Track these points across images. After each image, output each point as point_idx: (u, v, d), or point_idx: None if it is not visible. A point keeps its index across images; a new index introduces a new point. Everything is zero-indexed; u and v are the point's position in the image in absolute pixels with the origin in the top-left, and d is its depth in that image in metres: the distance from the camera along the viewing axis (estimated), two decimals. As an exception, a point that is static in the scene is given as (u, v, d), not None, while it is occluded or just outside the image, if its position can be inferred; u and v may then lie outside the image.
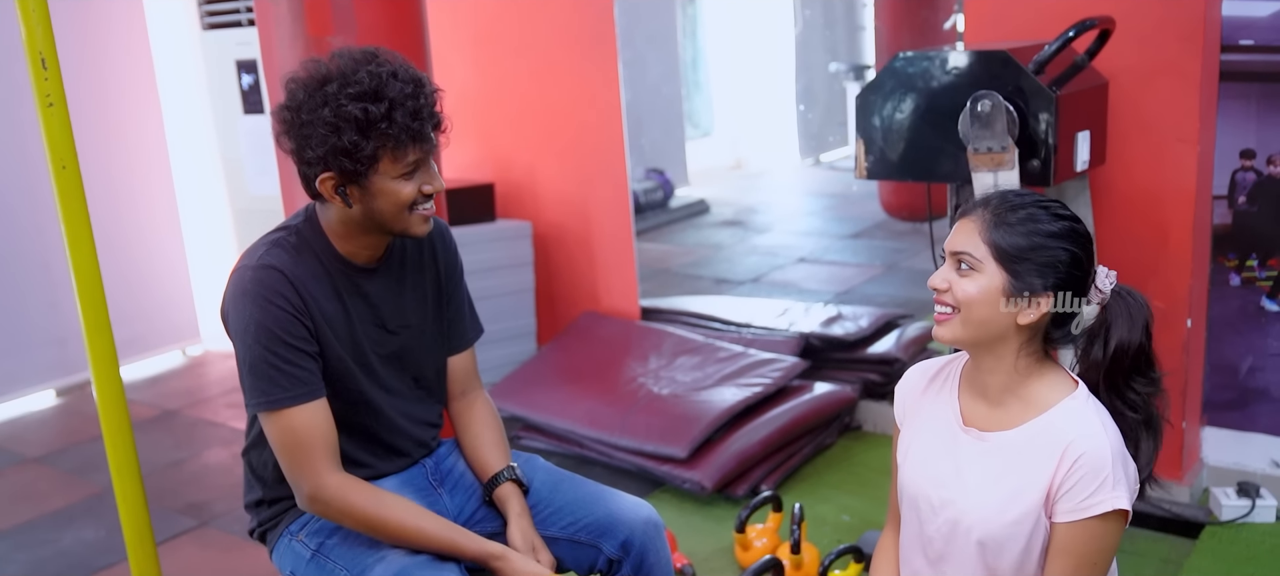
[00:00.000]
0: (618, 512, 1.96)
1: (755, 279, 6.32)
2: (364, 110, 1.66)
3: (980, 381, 1.62)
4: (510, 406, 3.93)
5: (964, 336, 1.56)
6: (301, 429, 1.74)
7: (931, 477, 1.64)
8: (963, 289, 1.54)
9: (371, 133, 1.67)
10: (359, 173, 1.70)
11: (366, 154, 1.68)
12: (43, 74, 1.97)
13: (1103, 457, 1.48)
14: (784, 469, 3.48)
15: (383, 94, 1.67)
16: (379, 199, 1.73)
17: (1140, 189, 2.97)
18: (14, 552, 3.44)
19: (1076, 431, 1.51)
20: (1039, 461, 1.53)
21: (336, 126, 1.66)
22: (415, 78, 1.72)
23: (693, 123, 10.66)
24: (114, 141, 5.03)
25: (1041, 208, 1.55)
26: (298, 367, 1.74)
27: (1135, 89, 2.90)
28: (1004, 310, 1.53)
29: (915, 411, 1.73)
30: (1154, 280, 3.00)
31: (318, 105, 1.67)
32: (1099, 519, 1.48)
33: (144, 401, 4.85)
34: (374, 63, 1.70)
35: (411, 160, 1.72)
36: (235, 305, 1.76)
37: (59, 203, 2.04)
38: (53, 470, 4.12)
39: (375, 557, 1.78)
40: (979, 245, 1.54)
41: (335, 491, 1.76)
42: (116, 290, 4.92)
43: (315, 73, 1.71)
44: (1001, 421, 1.59)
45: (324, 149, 1.68)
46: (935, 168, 2.71)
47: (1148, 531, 3.01)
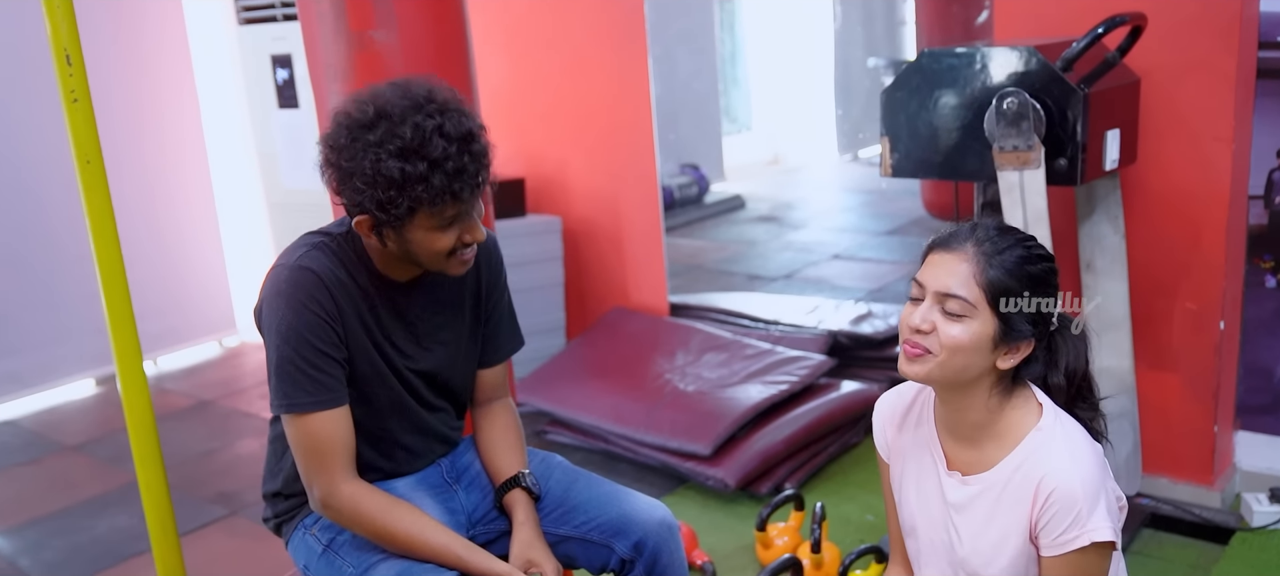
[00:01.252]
0: (632, 513, 1.95)
1: (788, 275, 6.29)
2: (401, 170, 1.61)
3: (950, 420, 1.57)
4: (538, 401, 3.94)
5: (938, 378, 1.49)
6: (321, 435, 1.75)
7: (930, 521, 1.62)
8: (949, 334, 1.46)
9: (408, 191, 1.62)
10: (395, 222, 1.67)
11: (402, 210, 1.64)
12: (67, 70, 2.00)
13: (1073, 492, 1.44)
14: (808, 467, 3.46)
15: (424, 152, 1.61)
16: (415, 245, 1.71)
17: (1173, 188, 2.91)
18: (50, 538, 3.51)
19: (1047, 466, 1.47)
20: (1018, 499, 1.50)
21: (373, 179, 1.62)
22: (462, 134, 1.65)
23: (730, 118, 10.63)
24: (153, 136, 5.10)
25: (1026, 247, 1.49)
26: (324, 374, 1.74)
27: (1168, 86, 2.85)
28: (989, 355, 1.47)
29: (898, 450, 1.69)
30: (1186, 281, 2.95)
31: (358, 152, 1.63)
32: (1079, 552, 1.45)
33: (180, 391, 4.93)
34: (422, 112, 1.63)
35: (449, 215, 1.68)
36: (270, 303, 1.76)
37: (84, 197, 2.07)
38: (89, 458, 4.20)
39: (380, 557, 1.79)
40: (972, 288, 1.45)
41: (347, 499, 1.76)
42: (155, 282, 5.06)
43: (361, 115, 1.65)
44: (980, 462, 1.56)
45: (360, 195, 1.66)
46: (961, 166, 2.67)
47: (1177, 536, 2.96)
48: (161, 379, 5.13)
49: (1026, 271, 1.46)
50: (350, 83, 2.85)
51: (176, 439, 4.31)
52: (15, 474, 4.10)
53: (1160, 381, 3.04)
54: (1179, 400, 3.04)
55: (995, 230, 1.50)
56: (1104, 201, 2.87)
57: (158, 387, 4.99)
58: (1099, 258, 2.92)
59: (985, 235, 1.49)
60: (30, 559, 3.38)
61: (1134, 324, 2.96)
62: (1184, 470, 3.08)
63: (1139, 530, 2.98)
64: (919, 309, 1.49)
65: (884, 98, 2.77)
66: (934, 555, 1.62)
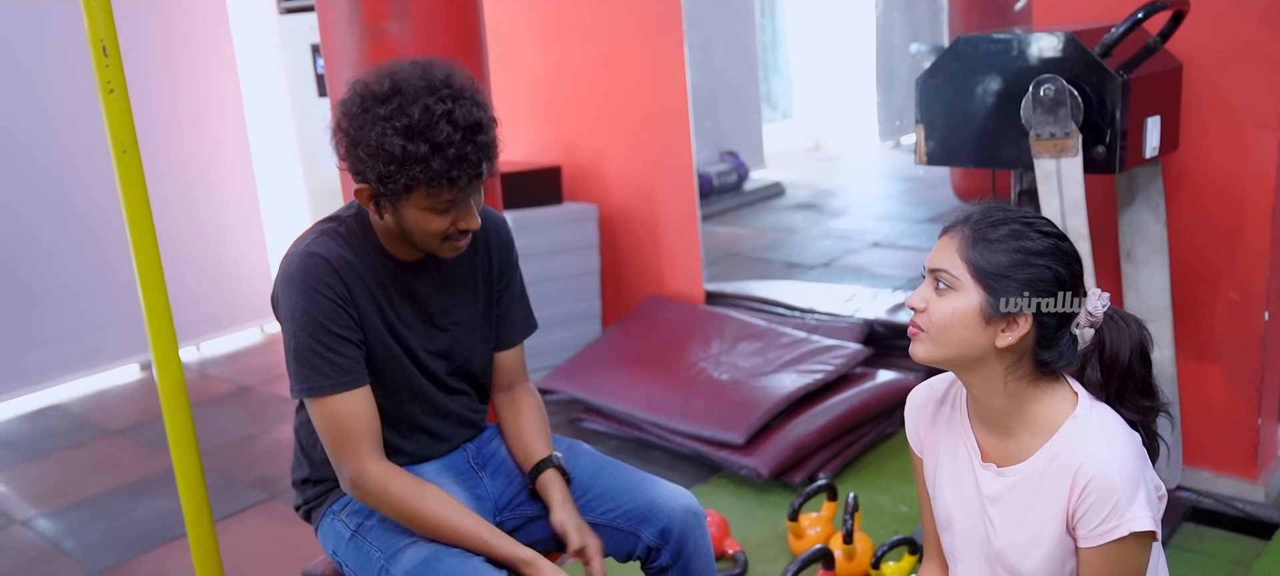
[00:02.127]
0: (657, 500, 1.95)
1: (827, 263, 6.25)
2: (403, 148, 1.63)
3: (979, 407, 1.56)
4: (572, 388, 3.95)
5: (938, 356, 1.50)
6: (344, 416, 1.77)
7: (966, 514, 1.60)
8: (938, 309, 1.48)
9: (407, 170, 1.65)
10: (391, 196, 1.70)
11: (399, 185, 1.67)
12: (104, 61, 2.02)
13: (1111, 482, 1.42)
14: (843, 457, 3.44)
15: (429, 136, 1.63)
16: (408, 221, 1.74)
17: (1216, 176, 2.86)
18: (93, 520, 3.58)
19: (1084, 455, 1.45)
20: (1055, 489, 1.48)
21: (377, 151, 1.65)
22: (470, 123, 1.66)
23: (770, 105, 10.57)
24: (194, 125, 5.17)
25: (1026, 224, 1.48)
26: (341, 355, 1.76)
27: (1212, 72, 2.79)
28: (983, 331, 1.46)
29: (931, 443, 1.68)
30: (1229, 271, 2.89)
31: (367, 123, 1.66)
32: (1119, 543, 1.43)
33: (221, 376, 5.00)
34: (436, 96, 1.65)
35: (445, 200, 1.70)
36: (283, 291, 1.78)
37: (120, 186, 2.10)
38: (133, 442, 4.27)
39: (407, 541, 1.81)
40: (957, 263, 1.47)
41: (375, 479, 1.78)
42: (197, 269, 5.14)
43: (377, 86, 1.68)
44: (1015, 453, 1.54)
45: (363, 165, 1.68)
46: (997, 154, 2.64)
47: (1218, 531, 2.91)
48: (204, 364, 5.21)
49: (1017, 244, 1.45)
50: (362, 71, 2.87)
51: (217, 424, 4.38)
52: (61, 457, 4.18)
53: (1202, 372, 2.99)
54: (1221, 392, 2.98)
55: (994, 209, 1.50)
56: (1145, 189, 2.82)
57: (200, 373, 5.08)
58: (1139, 247, 2.87)
59: (981, 215, 1.49)
60: (74, 541, 3.45)
61: (1175, 314, 2.91)
62: (1226, 463, 3.02)
63: (1179, 524, 2.93)
64: (918, 288, 1.52)
65: (919, 84, 2.74)
66: (970, 549, 1.61)
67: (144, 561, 3.28)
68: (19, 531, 3.56)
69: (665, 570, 1.99)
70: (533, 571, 1.79)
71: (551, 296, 4.34)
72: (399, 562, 1.78)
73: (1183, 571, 2.73)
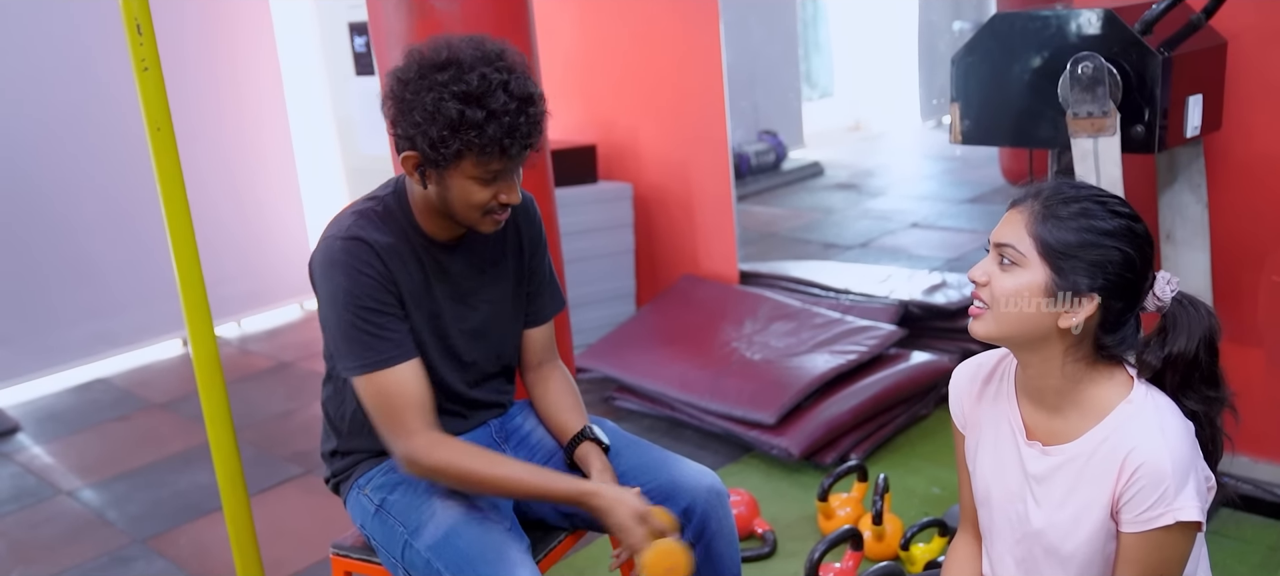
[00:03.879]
0: (680, 479, 1.96)
1: (864, 244, 6.21)
2: (460, 112, 1.66)
3: (1031, 386, 1.54)
4: (605, 367, 3.96)
5: (998, 333, 1.47)
6: (394, 389, 1.78)
7: (1005, 492, 1.58)
8: (1001, 284, 1.45)
9: (461, 134, 1.67)
10: (440, 163, 1.72)
11: (451, 151, 1.69)
12: (138, 39, 2.05)
13: (1162, 468, 1.39)
14: (875, 438, 3.42)
15: (485, 102, 1.67)
16: (453, 192, 1.76)
17: (1261, 156, 2.79)
18: (135, 492, 3.65)
19: (1135, 440, 1.42)
20: (1102, 472, 1.45)
21: (433, 115, 1.67)
22: (524, 95, 1.70)
23: (811, 84, 10.49)
24: (234, 104, 5.23)
25: (1098, 202, 1.44)
26: (389, 331, 1.78)
27: (1258, 49, 2.72)
28: (1045, 310, 1.43)
29: (975, 419, 1.66)
30: (1275, 253, 2.84)
31: (423, 88, 1.69)
32: (1163, 530, 1.41)
33: (262, 353, 5.07)
34: (491, 67, 1.69)
35: (493, 169, 1.73)
36: (324, 274, 1.80)
37: (155, 163, 2.13)
38: (175, 416, 4.34)
39: (427, 514, 1.82)
40: (1024, 238, 1.44)
41: (426, 450, 1.78)
42: (238, 246, 5.20)
43: (434, 55, 1.71)
44: (1062, 432, 1.51)
45: (415, 130, 1.70)
46: (1034, 133, 2.60)
47: (1257, 517, 2.86)
48: (245, 340, 5.28)
49: (1084, 223, 1.42)
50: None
51: (256, 399, 4.44)
52: (106, 430, 4.27)
53: (1242, 356, 2.93)
54: (1262, 376, 2.93)
55: (1066, 185, 1.47)
56: (1186, 170, 2.77)
57: (241, 349, 5.15)
58: (1180, 228, 2.82)
59: (1052, 190, 1.46)
60: (117, 511, 3.52)
61: (1215, 297, 2.85)
62: (1266, 449, 2.97)
63: (1217, 509, 2.87)
64: (981, 261, 1.49)
65: (955, 62, 2.70)
66: (1007, 527, 1.59)
67: (184, 532, 3.34)
68: (65, 501, 3.64)
69: (690, 547, 2.00)
70: (597, 500, 1.79)
71: (586, 275, 4.35)
72: (422, 537, 1.80)
73: (1220, 557, 2.69)
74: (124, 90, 4.69)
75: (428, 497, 1.85)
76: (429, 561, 1.79)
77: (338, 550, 2.07)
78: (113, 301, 4.91)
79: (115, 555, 3.23)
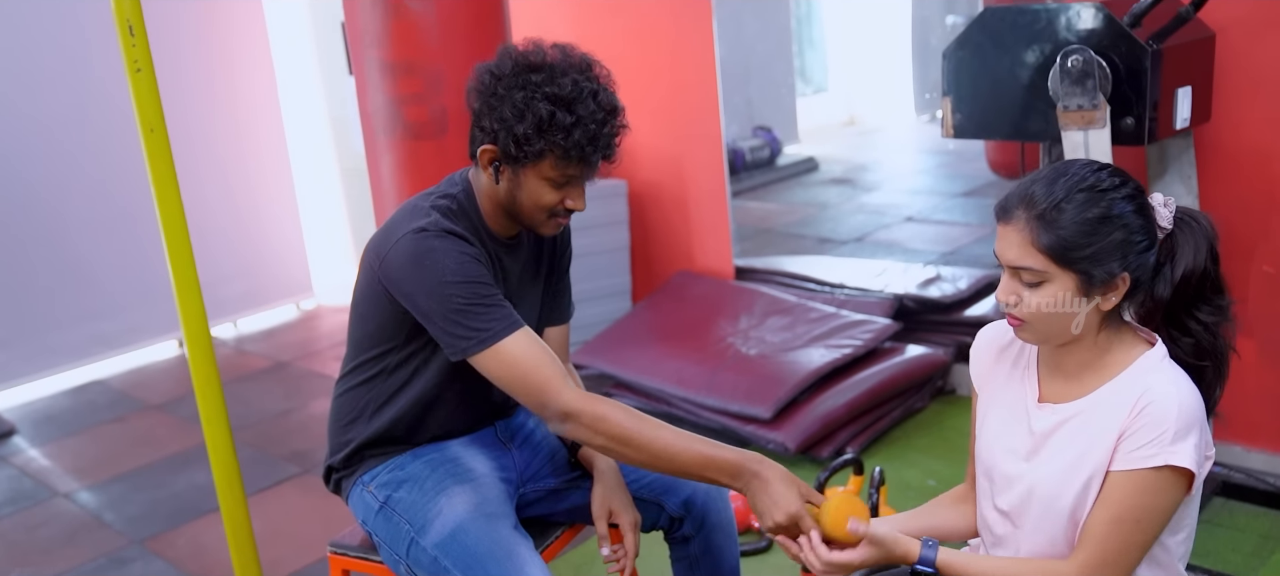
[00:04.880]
0: None
1: (859, 238, 6.22)
2: (551, 113, 1.70)
3: (1057, 360, 1.55)
4: (601, 364, 3.97)
5: (1046, 337, 1.49)
6: (523, 354, 1.73)
7: (1007, 451, 1.59)
8: (1033, 301, 1.45)
9: (547, 135, 1.71)
10: (519, 160, 1.74)
11: (534, 150, 1.73)
12: (130, 41, 2.06)
13: (1168, 410, 1.40)
14: (871, 431, 3.44)
15: (574, 108, 1.71)
16: (523, 191, 1.78)
17: (1250, 147, 2.81)
18: (133, 493, 3.66)
19: (1150, 383, 1.44)
20: (1112, 417, 1.46)
21: (521, 113, 1.71)
22: (610, 107, 1.76)
23: (805, 79, 10.50)
24: (229, 104, 5.23)
25: (1083, 191, 1.42)
26: (501, 304, 1.75)
27: (1246, 42, 2.74)
28: (1085, 303, 1.44)
29: (991, 379, 1.67)
30: (1264, 244, 2.85)
31: (516, 86, 1.73)
32: (1152, 472, 1.41)
33: (258, 353, 5.07)
34: (583, 76, 1.75)
35: (569, 174, 1.77)
36: (420, 264, 1.75)
37: (148, 164, 2.14)
38: (172, 417, 4.35)
39: (434, 512, 1.83)
40: (1036, 256, 1.43)
41: (587, 402, 1.72)
42: (234, 247, 5.21)
43: (529, 57, 1.76)
44: (1077, 391, 1.52)
45: (501, 125, 1.73)
46: (1025, 126, 2.62)
47: (1249, 506, 2.88)
48: (242, 341, 5.29)
49: (1085, 217, 1.41)
50: (387, 49, 2.90)
51: (253, 399, 4.45)
52: (102, 431, 4.27)
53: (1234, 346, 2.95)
54: (1254, 366, 2.95)
55: (1047, 183, 1.45)
56: (1176, 161, 2.79)
57: (237, 349, 5.15)
58: (1171, 219, 2.83)
59: (1035, 194, 1.44)
60: (114, 513, 3.53)
61: (1207, 288, 2.87)
62: (1258, 438, 2.99)
63: (1210, 498, 2.90)
64: (1003, 282, 1.49)
65: (946, 56, 2.72)
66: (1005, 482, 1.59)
67: (182, 532, 3.35)
68: (61, 503, 3.64)
69: (688, 540, 2.01)
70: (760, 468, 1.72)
71: (581, 272, 4.30)
72: (428, 535, 1.81)
73: (1213, 546, 2.71)
74: (118, 91, 4.70)
75: (434, 495, 1.85)
76: (436, 559, 1.79)
77: (336, 549, 2.08)
78: (108, 303, 4.91)
79: (113, 556, 3.23)
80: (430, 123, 2.97)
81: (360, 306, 1.90)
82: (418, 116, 2.97)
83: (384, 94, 2.97)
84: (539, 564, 1.77)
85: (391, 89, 2.95)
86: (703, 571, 2.04)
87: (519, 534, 1.82)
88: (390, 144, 3.03)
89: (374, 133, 3.05)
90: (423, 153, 3.01)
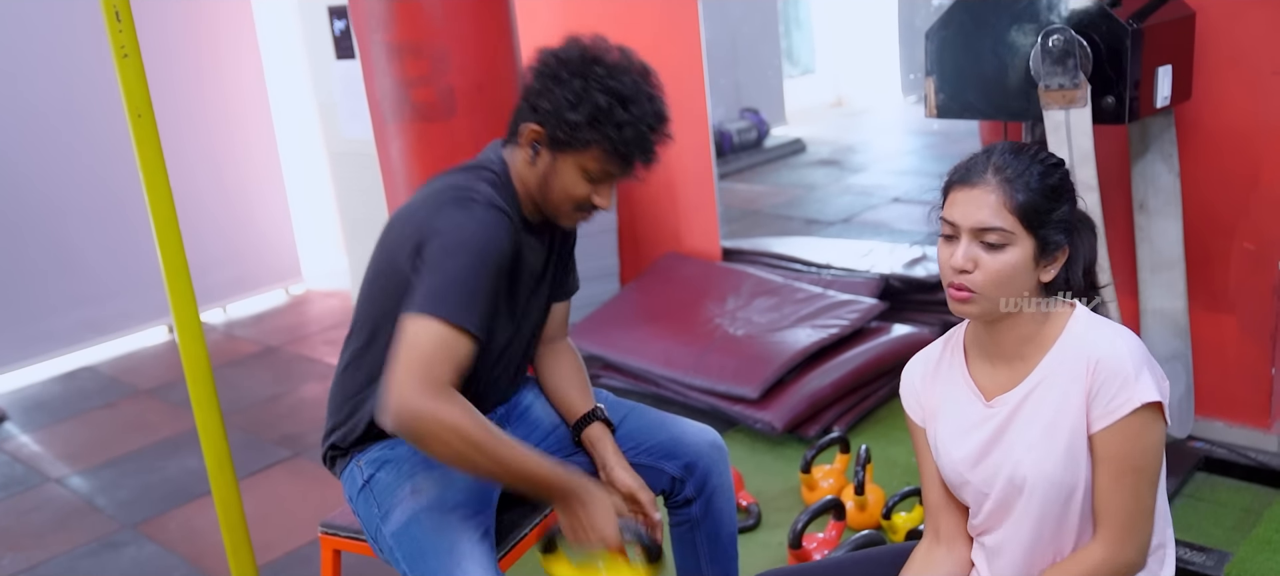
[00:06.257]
0: (681, 436, 2.01)
1: (846, 219, 6.25)
2: (609, 105, 1.73)
3: (993, 344, 1.57)
4: (590, 345, 3.99)
5: (991, 310, 1.51)
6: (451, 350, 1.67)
7: (967, 458, 1.61)
8: (992, 265, 1.47)
9: (599, 126, 1.74)
10: (566, 145, 1.76)
11: (582, 138, 1.74)
12: (117, 26, 2.06)
13: (1120, 358, 1.46)
14: (857, 410, 3.47)
15: (631, 108, 1.75)
16: (557, 178, 1.79)
17: (1230, 126, 2.84)
18: (124, 478, 3.67)
19: (1094, 343, 1.49)
20: (1070, 384, 1.50)
21: (578, 100, 1.74)
22: (662, 115, 1.80)
23: (792, 61, 10.51)
24: (216, 89, 5.22)
25: (1040, 161, 1.51)
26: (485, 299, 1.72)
27: (1225, 20, 2.76)
28: (1032, 273, 1.50)
29: (932, 405, 1.67)
30: (1244, 220, 2.88)
31: (577, 73, 1.76)
32: (1133, 416, 1.45)
33: (248, 337, 5.08)
34: (644, 79, 1.79)
35: (608, 170, 1.79)
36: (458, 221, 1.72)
37: (136, 150, 2.15)
38: (162, 402, 4.36)
39: (397, 500, 1.83)
40: (1006, 216, 1.47)
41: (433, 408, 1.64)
42: (222, 232, 5.21)
43: (595, 50, 1.80)
44: (1019, 373, 1.56)
45: (553, 108, 1.75)
46: (1007, 105, 2.63)
47: (1231, 480, 2.92)
48: (231, 326, 5.30)
49: (1048, 184, 1.49)
50: (391, 32, 2.90)
51: (244, 384, 4.46)
52: (93, 417, 4.28)
53: (1216, 322, 2.99)
54: (1235, 342, 2.98)
55: (1010, 153, 1.51)
56: (1157, 140, 2.81)
57: (227, 334, 5.16)
58: (1152, 197, 2.87)
59: (1003, 161, 1.50)
60: (106, 497, 3.54)
61: (1188, 264, 2.90)
62: (1239, 413, 3.03)
63: (1192, 473, 2.94)
64: (958, 249, 1.50)
65: (929, 37, 2.73)
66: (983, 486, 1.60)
67: (174, 516, 3.37)
68: (53, 488, 3.65)
69: (690, 502, 2.04)
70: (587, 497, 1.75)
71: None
72: (389, 522, 1.83)
73: (1195, 520, 2.75)
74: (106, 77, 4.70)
75: (403, 481, 1.85)
76: (392, 548, 1.82)
77: (326, 529, 2.10)
78: (98, 289, 4.91)
79: (106, 541, 3.25)
80: (438, 104, 2.95)
81: (379, 281, 1.86)
82: (425, 98, 2.95)
83: (391, 77, 2.94)
84: (480, 561, 1.72)
85: (398, 71, 2.93)
86: (703, 533, 2.06)
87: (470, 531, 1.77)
88: (399, 127, 3.01)
89: (382, 116, 3.02)
90: (432, 134, 2.99)
